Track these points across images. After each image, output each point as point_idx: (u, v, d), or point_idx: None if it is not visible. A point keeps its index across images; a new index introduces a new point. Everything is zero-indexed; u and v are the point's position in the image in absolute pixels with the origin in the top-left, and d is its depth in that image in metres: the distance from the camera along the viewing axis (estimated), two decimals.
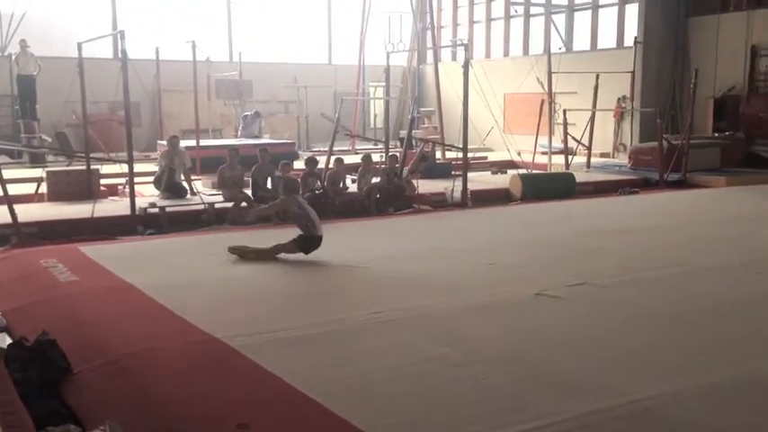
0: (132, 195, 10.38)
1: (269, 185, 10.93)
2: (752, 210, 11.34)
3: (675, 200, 12.84)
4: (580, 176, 14.46)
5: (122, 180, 11.79)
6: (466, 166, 12.53)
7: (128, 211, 10.31)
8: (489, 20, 24.17)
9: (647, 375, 4.48)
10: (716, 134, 17.55)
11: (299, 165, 13.54)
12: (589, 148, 17.19)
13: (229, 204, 10.76)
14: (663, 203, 12.45)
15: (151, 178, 12.24)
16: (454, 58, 23.78)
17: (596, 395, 4.15)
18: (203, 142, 15.54)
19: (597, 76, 17.39)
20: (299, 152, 17.50)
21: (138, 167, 11.65)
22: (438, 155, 16.70)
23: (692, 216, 10.76)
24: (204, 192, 11.85)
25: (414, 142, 16.50)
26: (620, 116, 19.64)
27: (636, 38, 18.87)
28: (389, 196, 11.58)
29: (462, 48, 14.15)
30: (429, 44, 23.40)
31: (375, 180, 11.87)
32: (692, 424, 3.83)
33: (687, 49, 18.95)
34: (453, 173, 14.06)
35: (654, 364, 4.71)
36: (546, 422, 3.82)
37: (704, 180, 14.58)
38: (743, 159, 16.62)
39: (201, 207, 10.70)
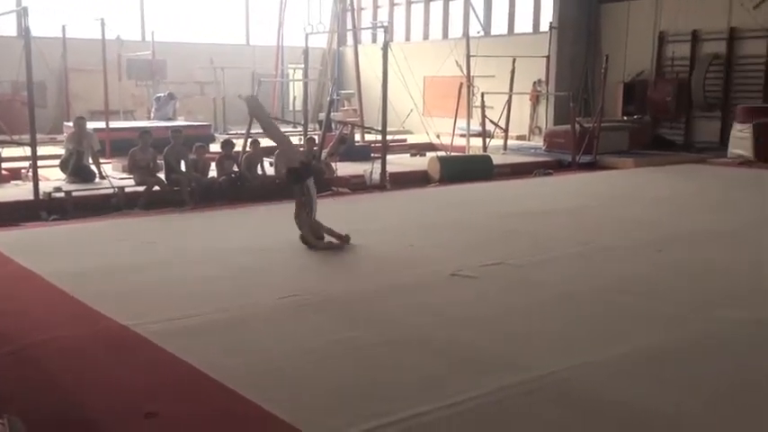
0: (35, 179, 9.92)
1: (183, 168, 10.63)
2: (657, 190, 11.79)
3: (587, 181, 13.23)
4: (497, 159, 14.70)
5: (26, 164, 11.23)
6: (385, 148, 12.54)
7: (31, 196, 9.85)
8: (409, 3, 24.21)
9: (556, 351, 4.59)
10: (625, 117, 18.18)
11: (215, 148, 13.23)
12: (506, 131, 17.51)
13: (141, 189, 10.42)
14: (575, 185, 12.80)
15: (57, 161, 11.72)
16: (374, 40, 23.71)
17: (506, 371, 4.22)
18: (114, 124, 14.98)
19: (514, 61, 17.69)
20: (216, 135, 17.11)
21: (43, 150, 11.16)
22: (357, 137, 16.66)
23: (602, 197, 11.11)
24: (114, 176, 11.45)
25: (333, 125, 16.40)
26: (535, 100, 20.07)
27: (551, 23, 19.28)
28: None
29: (382, 30, 14.11)
30: (349, 26, 23.25)
31: None
32: (598, 396, 3.94)
33: (599, 35, 19.50)
34: (372, 155, 14.05)
35: (563, 340, 4.83)
36: (459, 399, 3.85)
37: (614, 162, 15.07)
38: (650, 142, 17.28)
39: (111, 191, 10.34)
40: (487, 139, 16.55)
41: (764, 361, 4.48)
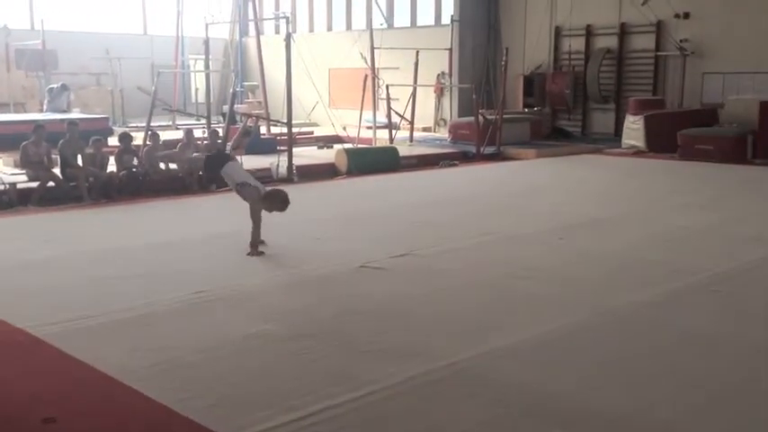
0: None
1: (79, 162, 10.19)
2: (557, 180, 12.22)
3: (491, 172, 13.56)
4: (403, 150, 14.83)
5: None
6: (291, 141, 12.43)
7: None
8: None
9: (462, 339, 4.69)
10: (525, 109, 18.72)
11: (113, 141, 12.75)
12: (411, 123, 17.68)
13: (34, 184, 9.93)
14: (479, 175, 13.10)
15: None
16: (277, 31, 23.44)
17: (416, 361, 4.28)
18: (3, 117, 14.22)
19: (417, 53, 17.87)
20: (114, 128, 16.49)
21: None
22: (263, 130, 16.44)
23: (505, 187, 11.41)
24: (5, 171, 10.87)
25: (237, 117, 16.10)
26: (440, 92, 20.37)
27: (452, 16, 19.57)
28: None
29: (284, 21, 13.94)
30: (251, 16, 22.86)
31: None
32: (504, 381, 4.06)
33: (499, 29, 19.97)
34: (278, 148, 13.90)
35: (469, 327, 4.94)
36: (370, 390, 3.89)
37: (516, 152, 15.50)
38: (549, 133, 17.88)
39: (2, 188, 9.81)
40: (393, 131, 16.67)
41: (659, 339, 4.73)
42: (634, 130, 15.67)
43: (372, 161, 13.31)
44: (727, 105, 15.87)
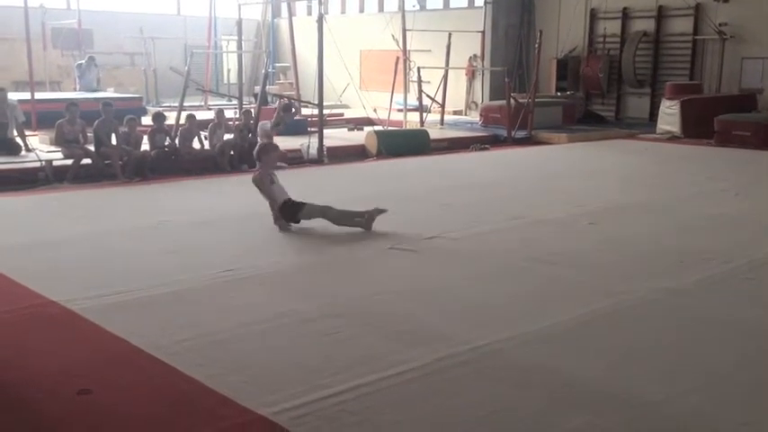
0: None
1: (113, 141, 10.34)
2: (589, 165, 12.09)
3: (522, 156, 13.46)
4: (434, 133, 14.78)
5: None
6: (321, 122, 12.46)
7: None
8: None
9: (490, 323, 4.68)
10: (558, 93, 18.51)
11: (147, 121, 12.90)
12: (443, 106, 17.59)
13: (69, 162, 10.10)
14: (510, 159, 13.01)
15: None
16: (309, 12, 23.40)
17: (443, 343, 4.29)
18: (39, 95, 14.42)
19: (449, 35, 17.74)
20: (148, 107, 16.66)
21: None
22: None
23: (536, 171, 11.32)
24: (41, 148, 11.05)
25: (269, 98, 16.18)
26: (471, 74, 20.21)
27: None
28: (243, 153, 11.30)
29: (317, 2, 13.93)
30: None
31: (228, 136, 11.53)
32: (531, 366, 4.05)
33: (533, 11, 19.72)
34: (309, 129, 13.94)
35: (497, 311, 4.93)
36: (397, 371, 3.90)
37: (548, 137, 15.35)
38: (582, 117, 17.66)
39: (38, 165, 9.99)
40: (424, 114, 16.61)
41: (689, 326, 4.68)
42: (670, 115, 15.40)
43: (403, 144, 13.28)
44: (766, 91, 15.53)
